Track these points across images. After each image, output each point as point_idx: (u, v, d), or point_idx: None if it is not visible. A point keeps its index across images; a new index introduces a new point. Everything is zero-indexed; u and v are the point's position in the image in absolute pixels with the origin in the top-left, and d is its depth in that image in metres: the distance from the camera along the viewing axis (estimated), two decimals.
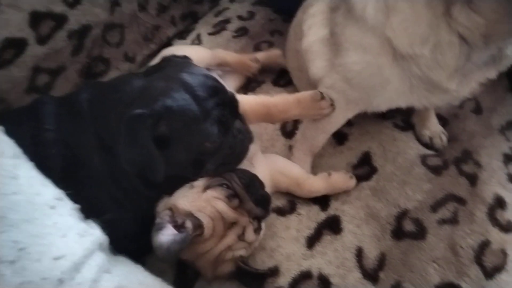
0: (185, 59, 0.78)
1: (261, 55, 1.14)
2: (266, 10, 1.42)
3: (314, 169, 0.89)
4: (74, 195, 0.59)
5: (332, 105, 0.80)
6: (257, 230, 0.68)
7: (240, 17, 1.38)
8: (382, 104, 0.76)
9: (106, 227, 0.61)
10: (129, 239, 0.70)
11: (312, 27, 0.86)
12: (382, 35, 0.67)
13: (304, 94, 0.80)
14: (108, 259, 0.51)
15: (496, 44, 0.65)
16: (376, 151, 0.90)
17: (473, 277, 0.69)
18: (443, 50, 0.64)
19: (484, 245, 0.73)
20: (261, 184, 0.71)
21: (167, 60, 0.79)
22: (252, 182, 0.70)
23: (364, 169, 0.88)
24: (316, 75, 0.85)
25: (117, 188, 0.70)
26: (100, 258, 0.50)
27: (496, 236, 0.75)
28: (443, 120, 0.98)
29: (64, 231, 0.46)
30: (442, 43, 0.64)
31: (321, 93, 0.79)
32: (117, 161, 0.67)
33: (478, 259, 0.71)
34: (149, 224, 0.67)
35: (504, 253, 0.73)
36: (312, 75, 0.86)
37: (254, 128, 0.81)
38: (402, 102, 0.75)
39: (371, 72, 0.72)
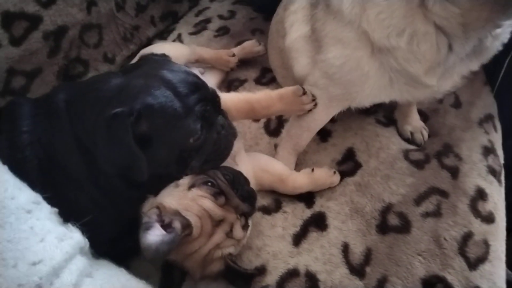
0: (164, 57, 0.77)
1: (236, 49, 1.15)
2: (247, 9, 1.41)
3: (299, 166, 0.89)
4: (52, 198, 0.57)
5: (314, 100, 0.80)
6: (245, 227, 0.68)
7: (220, 16, 1.37)
8: (365, 99, 0.77)
9: (87, 230, 0.59)
10: (111, 242, 0.68)
11: (294, 24, 0.86)
12: (359, 29, 0.68)
13: (287, 90, 0.81)
14: (89, 263, 0.50)
15: (475, 33, 0.65)
16: (359, 147, 0.91)
17: (457, 269, 0.70)
18: (419, 42, 0.65)
19: (467, 237, 0.74)
20: (245, 180, 0.70)
21: (146, 58, 0.78)
22: (237, 179, 0.69)
23: (348, 165, 0.88)
24: (300, 73, 0.86)
25: (97, 190, 0.68)
26: (80, 262, 0.48)
27: (479, 227, 0.76)
28: (423, 115, 0.99)
29: (41, 236, 0.44)
30: (418, 34, 0.65)
31: (303, 88, 0.79)
32: (96, 162, 0.66)
33: (462, 251, 0.72)
34: (132, 226, 0.65)
35: (486, 244, 0.75)
36: (296, 73, 0.87)
37: (237, 127, 0.81)
38: (384, 97, 0.76)
39: (351, 67, 0.72)
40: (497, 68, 1.07)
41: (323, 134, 0.94)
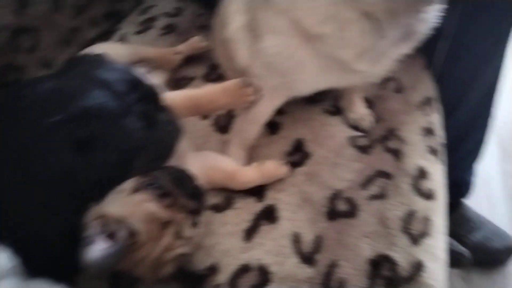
0: (99, 56, 0.75)
1: (181, 47, 1.13)
2: (194, 6, 1.39)
3: (250, 160, 0.89)
4: None
5: (258, 91, 0.81)
6: (195, 224, 0.67)
7: (167, 14, 1.34)
8: (303, 87, 0.78)
9: (23, 248, 0.56)
10: (52, 258, 0.65)
11: (234, 14, 0.86)
12: (291, 16, 0.69)
13: (229, 82, 0.81)
14: (21, 284, 0.47)
15: (402, 18, 0.68)
16: (308, 137, 0.92)
17: (402, 246, 0.73)
18: (347, 28, 0.67)
19: (410, 215, 0.78)
20: (191, 177, 0.69)
21: (79, 58, 0.75)
22: (182, 176, 0.68)
23: (297, 155, 0.89)
24: (242, 64, 0.86)
25: (34, 203, 0.65)
26: (10, 284, 0.45)
27: (420, 205, 0.80)
28: (368, 102, 1.02)
29: None
30: (346, 21, 0.66)
31: (246, 80, 0.79)
32: (32, 173, 0.62)
33: (405, 228, 0.76)
34: (75, 240, 0.63)
35: (428, 220, 0.79)
36: (239, 64, 0.87)
37: (185, 125, 0.80)
38: (321, 84, 0.78)
39: (286, 55, 0.73)
40: (440, 51, 1.12)
41: (273, 127, 0.95)
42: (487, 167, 1.59)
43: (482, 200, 1.47)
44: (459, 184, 1.30)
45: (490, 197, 1.54)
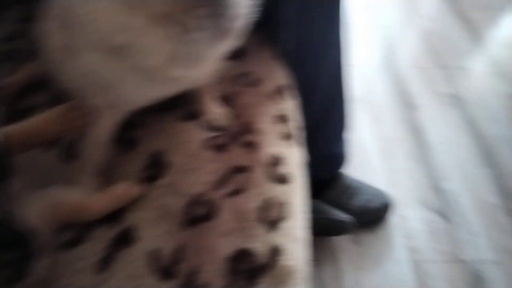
0: None
1: (15, 76, 1.04)
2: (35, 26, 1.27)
3: (106, 185, 0.84)
4: None
5: (88, 113, 0.77)
6: (21, 277, 0.60)
7: (2, 39, 1.20)
8: (133, 101, 0.77)
9: None
10: None
11: (51, 34, 0.80)
12: (95, 30, 0.66)
13: (57, 108, 0.78)
14: None
15: (203, 16, 0.67)
16: (164, 147, 0.90)
17: (259, 235, 0.76)
18: (144, 35, 0.65)
19: (265, 203, 0.81)
20: (10, 223, 0.62)
21: None
22: None
23: (155, 168, 0.87)
24: (69, 86, 0.81)
25: None
26: None
27: (275, 191, 0.84)
28: (223, 100, 1.04)
29: None
30: (143, 29, 0.64)
31: (72, 103, 0.75)
32: None
33: (262, 217, 0.79)
34: None
35: (283, 203, 0.83)
36: (67, 86, 0.81)
37: (26, 160, 0.74)
38: (149, 95, 0.77)
39: (100, 72, 0.71)
40: (287, 40, 1.18)
41: (127, 143, 0.91)
42: (361, 134, 1.76)
43: (359, 166, 1.62)
44: (333, 158, 1.42)
45: (367, 161, 1.71)
